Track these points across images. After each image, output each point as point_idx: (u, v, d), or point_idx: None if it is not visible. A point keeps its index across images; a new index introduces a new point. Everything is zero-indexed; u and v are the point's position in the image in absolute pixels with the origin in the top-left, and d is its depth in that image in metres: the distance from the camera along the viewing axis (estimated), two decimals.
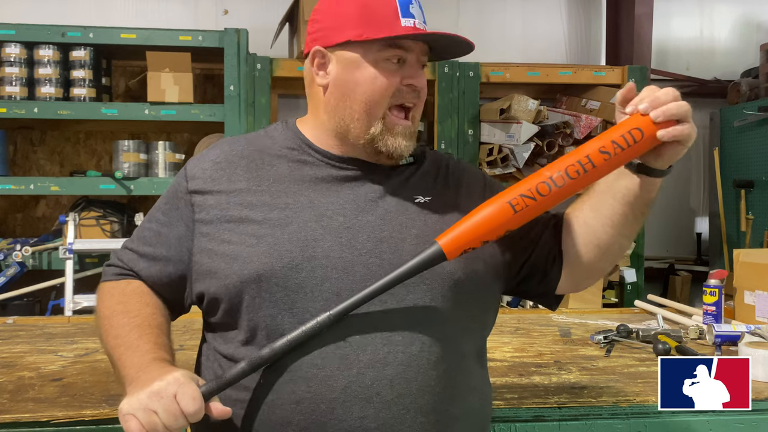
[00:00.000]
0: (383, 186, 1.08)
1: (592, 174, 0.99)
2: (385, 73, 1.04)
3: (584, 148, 0.99)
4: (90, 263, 3.55)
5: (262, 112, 3.48)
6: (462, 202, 1.12)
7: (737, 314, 2.18)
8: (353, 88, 1.05)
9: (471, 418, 1.07)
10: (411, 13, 1.04)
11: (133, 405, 0.89)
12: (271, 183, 1.06)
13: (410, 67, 1.06)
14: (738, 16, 4.78)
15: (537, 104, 3.45)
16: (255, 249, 1.00)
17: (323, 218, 1.03)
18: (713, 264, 4.37)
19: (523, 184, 1.00)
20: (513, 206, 0.98)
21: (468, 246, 0.99)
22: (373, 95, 1.04)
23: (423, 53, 1.08)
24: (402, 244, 1.03)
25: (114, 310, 1.06)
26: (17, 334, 2.11)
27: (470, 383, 1.08)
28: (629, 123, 0.98)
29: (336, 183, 1.07)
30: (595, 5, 4.61)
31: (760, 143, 4.07)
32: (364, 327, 0.98)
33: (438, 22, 4.29)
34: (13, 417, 1.32)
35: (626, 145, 0.97)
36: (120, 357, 0.99)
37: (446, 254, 0.98)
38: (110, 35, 3.48)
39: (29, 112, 3.38)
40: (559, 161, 1.00)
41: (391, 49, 1.04)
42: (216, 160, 1.10)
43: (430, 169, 1.16)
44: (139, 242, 1.13)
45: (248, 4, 4.19)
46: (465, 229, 0.99)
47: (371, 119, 1.05)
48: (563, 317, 2.44)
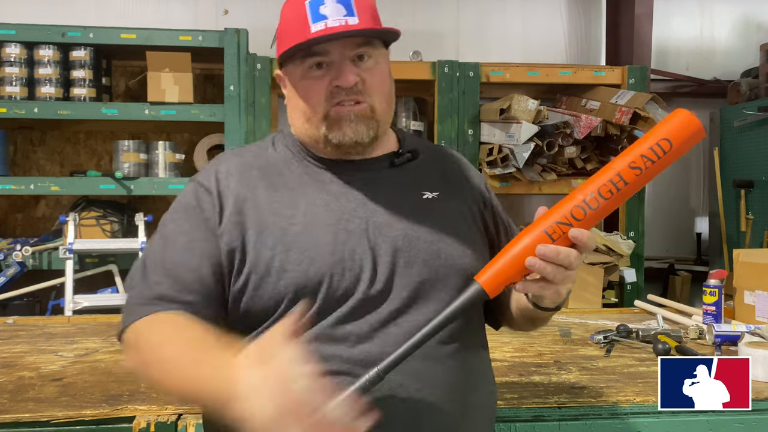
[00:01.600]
0: (389, 185, 1.10)
1: (625, 192, 0.97)
2: (311, 81, 1.05)
3: (613, 166, 0.98)
4: (90, 263, 3.55)
5: (262, 112, 3.48)
6: (467, 200, 1.16)
7: (737, 314, 2.18)
8: (295, 102, 1.09)
9: (482, 410, 1.10)
10: (322, 14, 1.02)
11: None
12: (287, 190, 1.07)
13: (335, 68, 1.04)
14: (738, 16, 4.78)
15: (537, 104, 3.45)
16: (286, 256, 1.00)
17: (341, 221, 1.04)
18: (713, 264, 4.36)
19: (556, 211, 0.97)
20: (550, 235, 0.95)
21: (510, 281, 0.96)
22: (306, 105, 1.06)
23: (352, 47, 1.04)
24: (417, 242, 1.05)
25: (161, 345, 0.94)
26: (17, 334, 2.11)
27: (485, 375, 1.12)
28: (654, 136, 0.97)
29: (343, 186, 1.09)
30: (595, 5, 4.61)
31: (760, 143, 4.07)
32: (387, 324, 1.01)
33: (438, 22, 4.31)
34: (13, 417, 1.32)
35: (656, 158, 0.96)
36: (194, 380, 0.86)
37: (488, 293, 0.96)
38: (110, 35, 3.48)
39: (29, 112, 3.38)
40: (591, 182, 0.98)
41: (309, 59, 1.05)
42: (229, 171, 1.09)
43: (434, 164, 1.18)
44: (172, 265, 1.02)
45: (248, 4, 4.18)
46: (505, 264, 0.96)
47: (314, 124, 1.07)
48: (563, 317, 2.44)
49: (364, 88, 1.05)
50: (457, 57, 4.06)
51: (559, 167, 3.58)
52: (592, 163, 3.63)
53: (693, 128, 0.97)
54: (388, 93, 1.10)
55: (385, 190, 1.09)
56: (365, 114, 1.06)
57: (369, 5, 1.06)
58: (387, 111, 1.10)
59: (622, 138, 3.53)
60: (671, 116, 0.99)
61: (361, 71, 1.05)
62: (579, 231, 0.94)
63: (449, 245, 1.07)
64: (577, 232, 0.94)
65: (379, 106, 1.07)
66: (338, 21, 1.01)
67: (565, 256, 0.93)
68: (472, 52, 4.26)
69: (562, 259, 0.93)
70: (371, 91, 1.06)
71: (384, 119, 1.09)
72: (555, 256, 0.93)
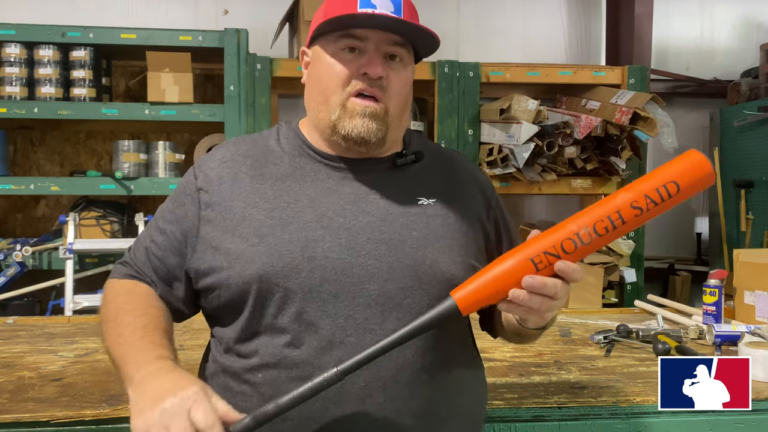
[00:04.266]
0: (385, 186, 1.09)
1: (621, 230, 0.93)
2: (341, 62, 1.05)
3: (615, 200, 0.93)
4: (90, 263, 3.55)
5: (262, 112, 3.48)
6: (468, 209, 1.13)
7: (737, 314, 2.18)
8: (317, 80, 1.08)
9: (461, 417, 1.08)
10: (372, 3, 1.02)
11: (148, 422, 0.85)
12: (273, 182, 1.08)
13: (367, 57, 1.04)
14: (738, 16, 4.78)
15: (537, 104, 3.45)
16: (257, 249, 1.01)
17: (323, 218, 1.03)
18: (713, 264, 4.36)
19: (548, 236, 0.93)
20: (535, 264, 0.91)
21: (486, 302, 0.93)
22: (328, 83, 1.06)
23: (389, 43, 1.05)
24: (402, 246, 1.03)
25: (120, 308, 1.05)
26: (17, 334, 2.11)
27: (461, 385, 1.09)
28: (663, 176, 0.93)
29: (337, 183, 1.08)
30: (595, 5, 4.61)
31: (760, 143, 4.07)
32: (361, 330, 0.99)
33: (438, 22, 4.30)
34: (13, 417, 1.32)
35: (660, 200, 0.92)
36: (123, 354, 0.98)
37: (461, 310, 0.93)
38: (110, 35, 3.48)
39: (29, 112, 3.38)
40: (587, 213, 0.94)
41: (344, 39, 1.05)
42: (222, 159, 1.12)
43: (437, 169, 1.16)
44: (150, 243, 1.12)
45: (248, 4, 4.18)
46: (481, 284, 0.93)
47: (330, 107, 1.06)
48: (563, 317, 2.44)
49: (386, 86, 1.05)
50: (457, 57, 4.06)
51: (559, 167, 3.58)
52: (592, 163, 3.63)
53: (704, 172, 0.93)
54: (404, 100, 1.10)
55: (380, 191, 1.08)
56: (378, 113, 1.05)
57: (415, 12, 1.08)
58: (399, 116, 1.09)
59: (622, 138, 3.53)
60: (684, 156, 0.95)
61: (388, 68, 1.05)
62: (566, 264, 0.91)
63: (436, 252, 1.04)
64: (564, 265, 0.91)
65: (393, 109, 1.07)
66: (386, 11, 1.02)
67: (552, 287, 0.91)
68: (472, 52, 4.26)
69: (548, 290, 0.91)
70: (391, 92, 1.06)
71: (395, 124, 1.09)
72: (541, 288, 0.90)
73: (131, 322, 1.02)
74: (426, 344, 1.02)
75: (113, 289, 1.11)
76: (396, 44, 1.06)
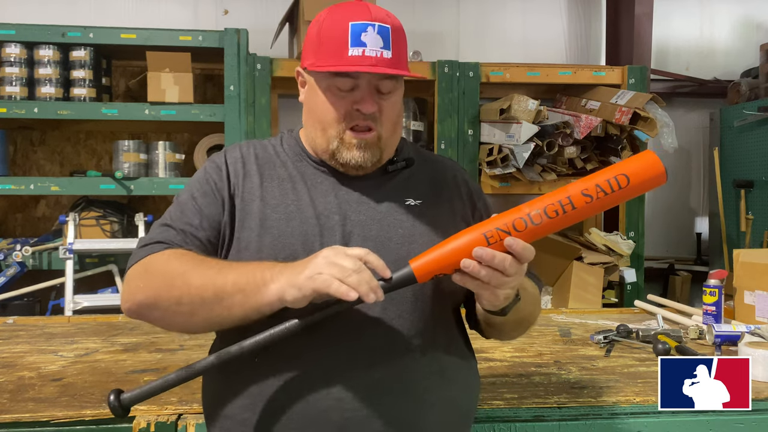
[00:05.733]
0: (378, 189, 1.18)
1: (571, 215, 1.01)
2: (334, 99, 1.12)
3: (568, 188, 1.02)
4: (90, 263, 3.55)
5: (262, 112, 3.48)
6: (453, 210, 1.21)
7: (737, 314, 2.18)
8: (313, 109, 1.15)
9: (448, 405, 1.12)
10: (362, 41, 1.08)
11: (317, 267, 0.94)
12: (280, 182, 1.17)
13: (360, 93, 1.11)
14: (738, 16, 4.78)
15: (537, 104, 3.45)
16: (263, 239, 1.10)
17: (321, 217, 1.13)
18: (713, 264, 4.36)
19: (502, 217, 1.02)
20: (487, 238, 0.99)
21: (439, 272, 1.01)
22: (324, 118, 1.13)
23: (379, 77, 1.11)
24: (388, 243, 1.11)
25: (189, 264, 1.04)
26: (17, 334, 2.11)
27: (448, 374, 1.14)
28: (616, 169, 1.00)
29: (333, 186, 1.17)
30: (595, 5, 4.61)
31: (760, 143, 4.07)
32: (349, 316, 1.05)
33: (438, 22, 4.31)
34: (13, 417, 1.32)
35: (609, 191, 0.99)
36: (242, 274, 0.99)
37: (417, 277, 1.01)
38: (110, 35, 3.48)
39: (29, 112, 3.38)
40: (541, 199, 1.02)
41: (338, 78, 1.10)
42: (236, 157, 1.20)
43: (426, 174, 1.24)
44: (181, 222, 1.13)
45: (248, 4, 4.18)
46: (437, 256, 1.01)
47: (328, 137, 1.14)
48: (563, 317, 2.45)
49: (379, 117, 1.12)
50: (457, 57, 4.06)
51: (559, 167, 3.58)
52: (592, 163, 3.63)
53: (655, 172, 1.00)
54: (396, 120, 1.17)
55: (372, 194, 1.16)
56: (373, 142, 1.13)
57: (403, 41, 1.14)
58: (392, 137, 1.17)
59: (622, 138, 3.53)
60: (640, 155, 1.03)
61: (380, 99, 1.12)
62: (514, 240, 0.98)
63: (420, 248, 1.09)
64: (512, 240, 0.98)
65: (386, 133, 1.15)
66: (375, 52, 1.08)
67: (500, 260, 0.97)
68: (472, 52, 4.26)
69: (497, 263, 0.97)
70: (383, 120, 1.13)
71: (388, 145, 1.16)
72: (490, 260, 0.97)
73: (214, 264, 1.04)
74: (413, 330, 1.09)
75: (163, 255, 1.07)
76: (385, 78, 1.11)
